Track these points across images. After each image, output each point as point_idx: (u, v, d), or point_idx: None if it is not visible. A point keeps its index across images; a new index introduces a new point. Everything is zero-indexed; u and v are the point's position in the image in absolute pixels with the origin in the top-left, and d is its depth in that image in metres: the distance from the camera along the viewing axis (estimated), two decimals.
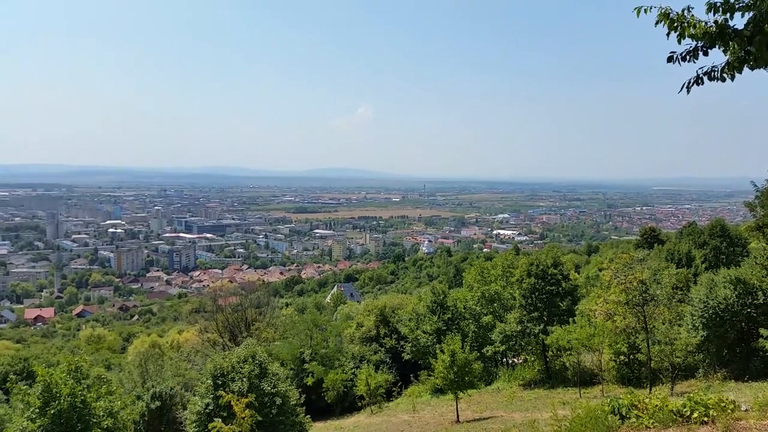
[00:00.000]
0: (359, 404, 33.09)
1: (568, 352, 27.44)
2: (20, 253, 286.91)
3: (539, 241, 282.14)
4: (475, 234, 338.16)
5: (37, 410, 19.94)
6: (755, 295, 23.35)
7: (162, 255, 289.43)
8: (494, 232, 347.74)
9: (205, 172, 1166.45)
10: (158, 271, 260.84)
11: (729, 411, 10.54)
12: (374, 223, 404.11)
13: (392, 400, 33.37)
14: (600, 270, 42.19)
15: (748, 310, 23.12)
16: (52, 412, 19.58)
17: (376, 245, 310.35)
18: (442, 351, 25.20)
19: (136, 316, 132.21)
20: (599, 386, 26.03)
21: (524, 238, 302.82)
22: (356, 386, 31.73)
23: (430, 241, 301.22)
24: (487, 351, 33.18)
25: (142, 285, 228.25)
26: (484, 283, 38.03)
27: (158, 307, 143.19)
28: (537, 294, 31.04)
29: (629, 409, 11.29)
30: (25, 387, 21.41)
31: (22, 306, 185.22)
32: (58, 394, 19.83)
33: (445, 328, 34.29)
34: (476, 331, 35.26)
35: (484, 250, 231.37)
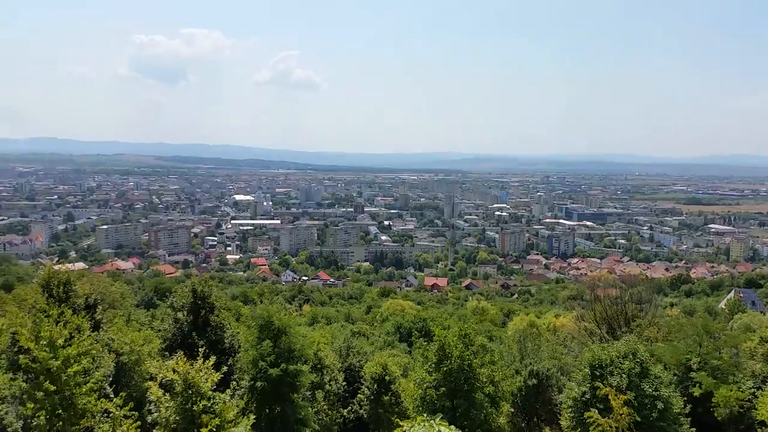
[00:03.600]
0: (759, 431, 28.12)
1: None
2: (423, 228, 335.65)
3: None
4: None
5: (433, 365, 23.11)
6: None
7: (542, 239, 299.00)
8: None
9: (589, 159, 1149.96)
10: (537, 254, 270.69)
11: None
12: None
13: None
14: None
15: None
16: (444, 369, 22.44)
17: None
18: None
19: (516, 295, 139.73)
20: None
21: None
22: (756, 409, 27.00)
23: None
24: None
25: (522, 266, 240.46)
26: None
27: (536, 289, 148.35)
28: None
29: None
30: (425, 343, 25.00)
31: (422, 273, 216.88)
32: (450, 355, 22.57)
33: None
34: None
35: None
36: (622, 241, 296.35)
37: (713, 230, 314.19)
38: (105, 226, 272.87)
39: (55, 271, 26.54)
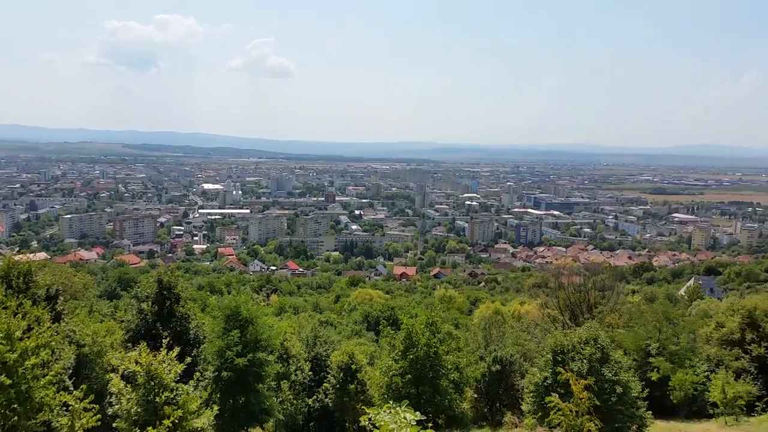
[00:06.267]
0: (710, 411, 29.29)
1: None
2: (394, 218, 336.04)
3: None
4: None
5: (400, 353, 23.36)
6: None
7: (510, 228, 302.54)
8: None
9: (558, 149, 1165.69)
10: (505, 243, 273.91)
11: None
12: (749, 209, 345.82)
13: (753, 416, 28.56)
14: None
15: None
16: (410, 357, 22.72)
17: (749, 236, 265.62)
18: None
19: (483, 283, 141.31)
20: None
21: None
22: (709, 392, 28.14)
23: None
24: None
25: (490, 255, 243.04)
26: None
27: (503, 277, 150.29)
28: None
29: None
30: (393, 332, 25.19)
31: (392, 263, 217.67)
32: (416, 342, 22.85)
33: None
34: None
35: None
36: (588, 230, 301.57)
37: (676, 219, 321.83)
38: (69, 216, 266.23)
39: (16, 261, 25.82)
